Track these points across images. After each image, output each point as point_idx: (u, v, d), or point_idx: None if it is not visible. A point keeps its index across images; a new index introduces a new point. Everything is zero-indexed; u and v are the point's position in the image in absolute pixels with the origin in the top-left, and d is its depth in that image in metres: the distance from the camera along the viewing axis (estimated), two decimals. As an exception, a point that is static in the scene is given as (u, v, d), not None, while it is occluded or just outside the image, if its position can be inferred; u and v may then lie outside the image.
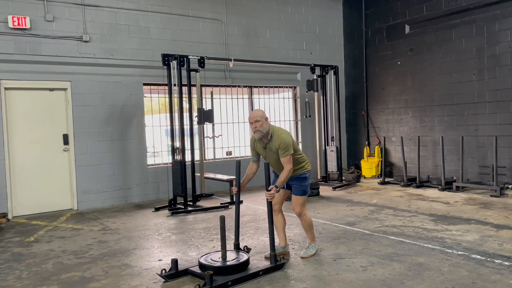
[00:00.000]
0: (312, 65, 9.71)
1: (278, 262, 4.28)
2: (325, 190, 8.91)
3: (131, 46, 8.37)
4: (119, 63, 8.25)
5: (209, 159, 9.41)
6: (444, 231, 5.49)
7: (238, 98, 9.94)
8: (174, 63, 7.63)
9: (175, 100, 7.66)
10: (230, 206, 7.55)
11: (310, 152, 10.66)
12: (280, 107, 10.65)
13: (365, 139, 10.94)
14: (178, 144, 7.65)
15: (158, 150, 9.05)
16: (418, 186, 8.93)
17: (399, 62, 10.10)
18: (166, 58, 7.61)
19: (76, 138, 7.83)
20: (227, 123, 9.75)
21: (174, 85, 7.67)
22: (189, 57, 7.70)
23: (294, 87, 10.77)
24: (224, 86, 9.61)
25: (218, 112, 9.45)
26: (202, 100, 8.26)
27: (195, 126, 8.00)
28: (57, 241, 5.73)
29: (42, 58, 7.51)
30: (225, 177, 8.17)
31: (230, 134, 9.81)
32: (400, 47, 10.06)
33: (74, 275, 4.37)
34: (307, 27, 10.73)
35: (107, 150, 8.13)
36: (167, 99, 7.82)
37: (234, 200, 7.81)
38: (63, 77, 7.72)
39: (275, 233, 4.62)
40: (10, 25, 7.18)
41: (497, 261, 4.32)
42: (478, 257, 4.46)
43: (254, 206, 7.57)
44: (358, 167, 10.90)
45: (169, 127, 7.79)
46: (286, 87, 10.71)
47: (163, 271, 4.14)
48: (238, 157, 9.85)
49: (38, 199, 7.54)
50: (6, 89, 7.27)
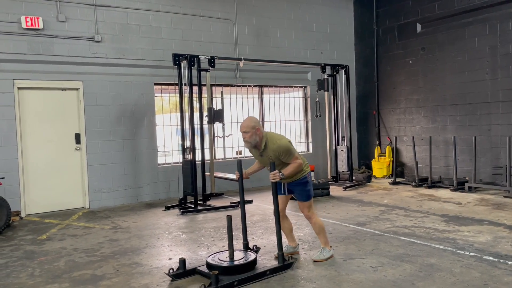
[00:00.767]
0: (322, 64, 9.67)
1: (286, 261, 4.25)
2: (335, 190, 8.87)
3: (142, 46, 8.43)
4: (130, 63, 8.31)
5: (219, 159, 9.43)
6: (456, 232, 5.43)
7: (248, 98, 9.95)
8: (184, 63, 7.66)
9: (186, 99, 7.70)
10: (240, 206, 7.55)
11: (320, 152, 10.63)
12: (290, 107, 10.63)
13: (376, 139, 10.87)
14: (188, 143, 7.68)
15: (169, 150, 9.09)
16: (429, 187, 8.84)
17: (411, 61, 10.01)
18: (177, 58, 7.64)
19: (88, 137, 7.90)
20: (237, 123, 9.74)
21: (185, 84, 7.70)
22: (199, 56, 7.73)
23: (305, 87, 10.74)
24: (234, 85, 9.62)
25: (228, 111, 9.47)
26: (212, 99, 8.27)
27: (205, 126, 8.02)
28: (69, 239, 5.80)
29: (55, 58, 7.60)
30: (235, 176, 8.15)
31: (240, 133, 9.78)
32: (411, 46, 9.97)
33: (85, 273, 4.42)
34: (318, 26, 10.69)
35: (119, 149, 8.20)
36: (178, 99, 7.86)
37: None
38: (75, 77, 7.80)
39: (283, 232, 4.61)
40: (24, 25, 7.28)
41: (510, 262, 4.26)
42: (491, 258, 4.40)
43: (264, 205, 7.57)
44: (369, 167, 10.83)
45: (179, 127, 7.83)
46: (296, 87, 10.69)
47: (171, 270, 4.14)
48: (248, 157, 9.84)
49: (50, 198, 7.64)
50: (19, 88, 7.37)
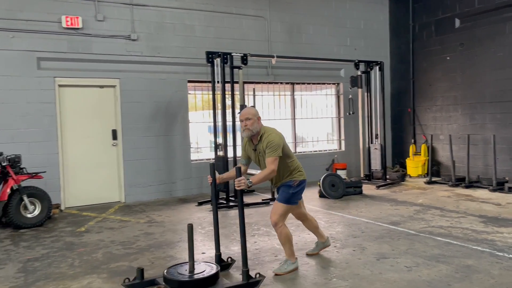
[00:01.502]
0: (356, 61, 9.53)
1: (251, 279, 3.75)
2: (368, 189, 8.74)
3: (176, 44, 8.57)
4: (165, 61, 8.46)
5: (251, 156, 9.46)
6: (494, 234, 5.25)
7: (280, 95, 9.94)
8: (217, 61, 7.73)
9: (218, 97, 7.77)
10: (271, 203, 7.58)
11: (353, 150, 10.50)
12: (322, 104, 10.54)
13: (411, 137, 10.63)
14: (220, 140, 7.76)
15: (201, 146, 9.21)
16: (467, 186, 8.57)
17: (448, 58, 9.72)
18: (210, 56, 7.73)
19: (124, 133, 8.12)
20: (269, 120, 9.77)
21: (218, 82, 7.78)
22: (232, 54, 7.78)
23: (337, 84, 10.62)
24: (266, 83, 9.63)
25: (260, 108, 9.49)
26: (244, 97, 8.31)
27: (238, 123, 8.07)
28: (106, 232, 5.99)
29: (93, 56, 7.84)
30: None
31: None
32: (449, 42, 9.68)
33: (122, 265, 4.56)
34: (352, 22, 10.54)
35: (153, 145, 8.38)
36: (210, 96, 7.95)
37: (275, 196, 7.85)
38: (112, 74, 8.02)
39: (311, 232, 4.51)
40: (64, 25, 7.54)
41: (553, 266, 4.08)
42: (533, 261, 4.23)
43: (296, 203, 7.54)
44: (403, 166, 10.60)
45: (212, 124, 7.91)
46: (329, 84, 10.59)
47: (126, 280, 3.77)
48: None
49: (88, 192, 7.90)
50: (60, 86, 7.65)
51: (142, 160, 8.28)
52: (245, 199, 7.69)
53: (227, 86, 7.76)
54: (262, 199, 7.75)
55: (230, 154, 7.82)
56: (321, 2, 10.11)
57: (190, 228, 3.72)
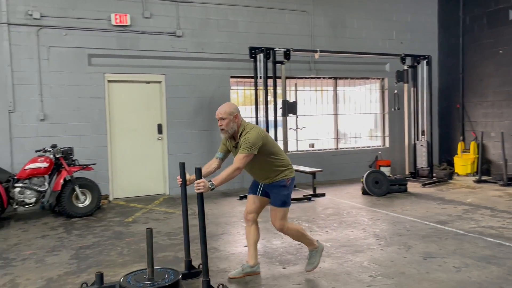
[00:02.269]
0: (402, 55, 9.26)
1: None
2: (413, 187, 8.50)
3: (220, 40, 8.67)
4: (208, 57, 8.59)
5: (292, 151, 9.45)
6: (552, 236, 4.98)
7: (322, 90, 9.84)
8: (260, 56, 7.76)
9: (260, 92, 7.80)
10: (312, 199, 7.55)
11: (397, 146, 10.25)
12: (366, 99, 10.34)
13: (459, 134, 10.22)
14: (263, 135, 7.78)
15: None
16: (520, 186, 8.17)
17: (501, 51, 9.25)
18: (253, 51, 7.77)
19: (168, 127, 8.32)
20: (311, 115, 9.71)
21: (260, 77, 7.81)
22: (275, 49, 7.78)
23: (382, 78, 10.38)
24: (308, 78, 9.56)
25: (302, 104, 9.44)
26: (286, 92, 8.30)
27: (279, 118, 8.07)
28: (152, 222, 6.18)
29: (140, 53, 8.07)
30: (307, 169, 8.15)
31: (313, 126, 9.76)
32: (503, 35, 9.20)
33: (168, 255, 4.69)
34: (398, 16, 10.25)
35: (196, 139, 8.54)
36: (252, 91, 7.99)
37: (317, 192, 7.78)
38: (158, 70, 8.24)
39: (247, 241, 4.04)
40: (113, 22, 7.81)
41: None
42: None
43: (337, 199, 7.47)
44: (451, 164, 10.22)
45: (253, 119, 7.96)
46: (373, 79, 10.37)
47: (84, 285, 3.60)
48: (321, 149, 9.78)
49: (134, 184, 8.17)
50: (109, 81, 7.94)
51: (186, 154, 8.45)
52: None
53: (269, 81, 7.78)
54: (304, 195, 7.73)
55: (272, 149, 7.84)
56: (366, -5, 9.91)
57: (149, 232, 3.45)
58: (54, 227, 6.04)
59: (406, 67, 9.35)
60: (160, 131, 8.34)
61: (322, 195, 7.74)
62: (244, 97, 9.37)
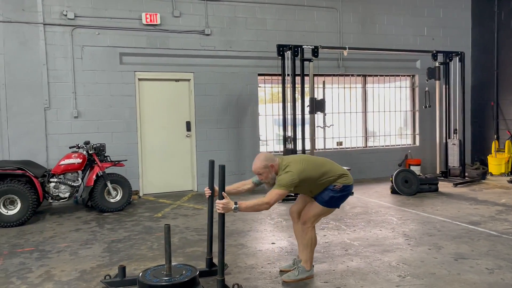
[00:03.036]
0: (434, 51, 9.04)
1: None
2: (444, 186, 8.31)
3: (248, 38, 8.70)
4: (237, 55, 8.63)
5: (319, 149, 9.40)
6: None
7: (351, 88, 9.73)
8: (288, 53, 7.74)
9: (288, 90, 7.79)
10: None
11: (428, 145, 10.03)
12: (396, 97, 10.16)
13: (493, 133, 9.90)
14: (290, 133, 7.79)
15: (268, 139, 9.30)
16: (558, 187, 7.85)
17: (539, 46, 8.91)
18: (281, 49, 7.76)
19: (197, 125, 8.43)
20: (339, 113, 9.62)
21: (288, 75, 7.80)
22: (303, 47, 7.75)
23: (413, 76, 10.17)
24: (337, 75, 9.47)
25: (330, 101, 9.36)
26: (314, 89, 8.25)
27: (307, 116, 8.04)
28: (181, 218, 6.29)
29: (170, 51, 8.20)
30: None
31: (341, 124, 9.66)
32: (541, 29, 8.86)
33: (196, 250, 4.77)
34: (430, 11, 10.02)
35: (224, 137, 8.62)
36: (279, 89, 7.99)
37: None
38: (187, 68, 8.35)
39: (296, 238, 4.08)
40: (144, 21, 7.96)
41: None
42: None
43: (366, 198, 7.39)
44: (484, 163, 9.93)
45: (279, 117, 7.96)
46: (404, 76, 10.17)
47: (107, 277, 3.75)
48: (349, 148, 9.69)
49: (164, 180, 8.32)
50: (139, 80, 8.11)
51: (214, 151, 8.54)
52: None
53: (297, 79, 7.75)
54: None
55: (299, 147, 7.83)
56: (396, -10, 9.73)
57: (167, 229, 3.51)
58: (87, 221, 6.24)
59: (437, 64, 9.12)
60: (188, 129, 8.46)
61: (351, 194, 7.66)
62: (271, 94, 9.38)
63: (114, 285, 3.69)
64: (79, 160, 6.71)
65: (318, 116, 8.49)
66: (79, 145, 6.92)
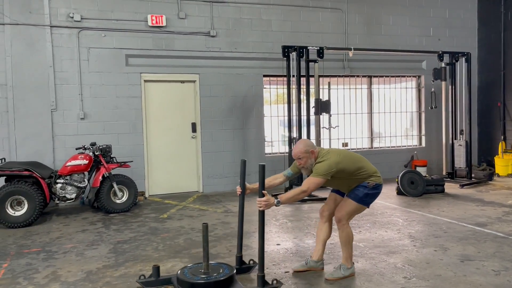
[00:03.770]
0: (440, 52, 9.00)
1: (267, 285, 3.55)
2: (451, 187, 8.27)
3: (253, 39, 8.71)
4: (242, 56, 8.65)
5: (325, 150, 9.37)
6: None
7: (356, 89, 9.71)
8: (293, 55, 7.74)
9: (293, 91, 7.79)
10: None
11: (434, 146, 9.99)
12: (401, 98, 10.12)
13: (500, 133, 9.84)
14: (295, 134, 7.78)
15: (273, 140, 9.30)
16: None
17: (547, 46, 8.84)
18: (286, 50, 7.76)
19: (202, 126, 8.45)
20: (344, 114, 9.60)
21: (293, 76, 7.80)
22: (308, 48, 7.75)
23: (418, 76, 10.13)
24: (342, 76, 9.46)
25: (335, 103, 9.35)
26: (319, 90, 8.25)
27: (312, 117, 8.04)
28: (186, 219, 6.31)
29: (175, 53, 8.23)
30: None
31: (347, 125, 9.64)
32: (548, 29, 8.80)
33: (202, 251, 4.75)
34: (435, 12, 9.98)
35: (229, 138, 8.63)
36: (285, 90, 7.99)
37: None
38: (193, 70, 8.37)
39: (316, 237, 4.13)
40: (149, 23, 8.00)
41: None
42: None
43: (372, 199, 7.36)
44: (491, 164, 9.87)
45: (284, 118, 7.96)
46: (409, 76, 10.14)
47: (142, 277, 3.78)
48: (355, 149, 9.66)
49: (169, 181, 8.35)
50: (145, 81, 8.15)
51: (219, 152, 8.56)
52: (318, 193, 7.67)
53: (302, 80, 7.75)
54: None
55: (304, 148, 7.81)
56: (402, -9, 9.70)
57: (205, 228, 3.60)
58: (93, 222, 6.27)
59: (443, 65, 9.09)
60: (194, 130, 8.48)
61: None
62: (276, 95, 9.38)
63: (150, 284, 3.73)
64: (86, 161, 6.75)
65: (324, 117, 8.49)
66: (86, 146, 6.97)
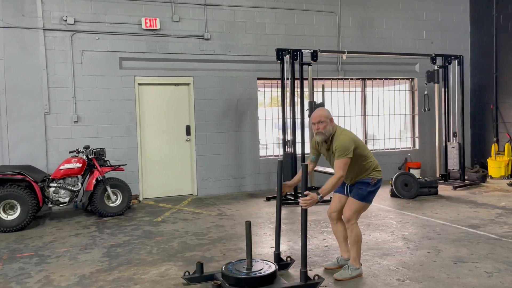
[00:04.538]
0: (433, 55, 9.06)
1: (309, 280, 3.67)
2: (444, 190, 8.32)
3: (247, 42, 8.73)
4: (236, 59, 8.66)
5: (319, 153, 9.39)
6: None
7: (350, 91, 9.75)
8: (287, 57, 7.77)
9: (287, 93, 7.81)
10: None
11: (428, 148, 10.04)
12: (395, 100, 10.18)
13: (493, 136, 9.92)
14: (289, 136, 7.80)
15: (268, 143, 9.30)
16: (558, 190, 7.85)
17: (538, 49, 8.93)
18: (280, 53, 7.78)
19: (196, 129, 8.44)
20: (338, 117, 9.63)
21: (287, 79, 7.82)
22: (302, 51, 7.77)
23: (412, 79, 10.20)
24: (336, 79, 9.50)
25: (329, 105, 9.38)
26: (313, 93, 8.28)
27: (306, 120, 8.05)
28: (180, 222, 6.29)
29: (169, 56, 8.22)
30: (333, 170, 8.07)
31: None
32: (539, 32, 8.88)
33: (196, 254, 4.77)
34: (428, 15, 10.05)
35: (224, 141, 8.63)
36: (279, 93, 8.01)
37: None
38: (187, 73, 8.37)
39: (336, 238, 4.24)
40: (143, 26, 7.99)
41: None
42: None
43: (366, 201, 7.38)
44: (484, 166, 9.93)
45: (278, 120, 7.97)
46: (403, 79, 10.20)
47: (187, 273, 3.92)
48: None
49: (163, 184, 8.33)
50: (139, 84, 8.13)
51: (213, 155, 8.55)
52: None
53: (296, 82, 7.78)
54: (330, 197, 7.65)
55: (298, 151, 7.83)
56: (395, -6, 9.77)
57: (248, 225, 3.72)
58: (86, 226, 6.24)
59: (436, 67, 9.15)
60: (188, 133, 8.47)
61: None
62: (271, 98, 9.39)
63: (194, 280, 3.86)
64: (79, 164, 6.72)
65: (318, 119, 8.50)
66: (79, 149, 6.93)
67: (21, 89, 7.36)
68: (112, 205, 6.84)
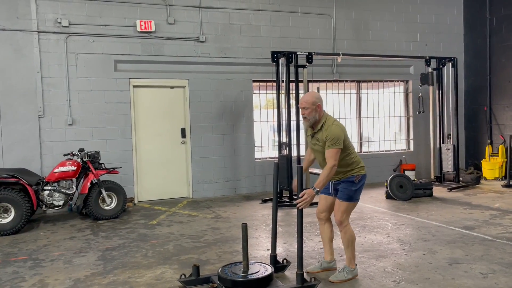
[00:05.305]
0: (427, 57, 9.10)
1: (306, 283, 3.65)
2: (439, 191, 8.35)
3: (242, 44, 8.74)
4: (231, 61, 8.66)
5: (315, 155, 9.41)
6: None
7: (345, 93, 9.78)
8: (282, 60, 7.78)
9: (283, 96, 7.82)
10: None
11: (422, 150, 10.09)
12: (390, 103, 10.22)
13: (487, 137, 9.98)
14: (285, 139, 7.80)
15: (263, 145, 9.30)
16: (551, 191, 7.91)
17: (531, 52, 9.01)
18: (275, 55, 7.79)
19: (192, 131, 8.43)
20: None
21: (282, 81, 7.83)
22: (297, 53, 7.79)
23: (406, 81, 10.25)
24: (331, 81, 9.53)
25: (324, 107, 9.37)
26: (309, 95, 8.28)
27: (301, 122, 8.05)
28: (176, 225, 6.27)
29: (164, 58, 8.21)
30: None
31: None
32: (532, 35, 8.96)
33: (191, 257, 4.75)
34: (422, 17, 10.12)
35: (219, 143, 8.62)
36: (274, 95, 8.02)
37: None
38: (182, 75, 8.36)
39: (322, 240, 4.22)
40: (138, 29, 7.98)
41: None
42: None
43: (360, 203, 7.37)
44: (478, 168, 9.99)
45: (274, 123, 7.97)
46: (397, 81, 10.24)
47: (183, 276, 3.91)
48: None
49: (159, 187, 8.31)
50: (134, 87, 8.11)
51: (209, 157, 8.54)
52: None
53: (292, 85, 7.79)
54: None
55: (294, 153, 7.84)
56: (389, -3, 9.82)
57: (245, 227, 3.73)
58: (81, 229, 6.21)
59: (431, 70, 9.20)
60: (183, 135, 8.46)
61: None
62: (266, 101, 9.40)
63: (190, 283, 3.84)
64: (74, 167, 6.69)
65: (313, 122, 8.51)
66: (74, 152, 6.90)
67: (15, 91, 7.32)
68: (107, 208, 6.81)
